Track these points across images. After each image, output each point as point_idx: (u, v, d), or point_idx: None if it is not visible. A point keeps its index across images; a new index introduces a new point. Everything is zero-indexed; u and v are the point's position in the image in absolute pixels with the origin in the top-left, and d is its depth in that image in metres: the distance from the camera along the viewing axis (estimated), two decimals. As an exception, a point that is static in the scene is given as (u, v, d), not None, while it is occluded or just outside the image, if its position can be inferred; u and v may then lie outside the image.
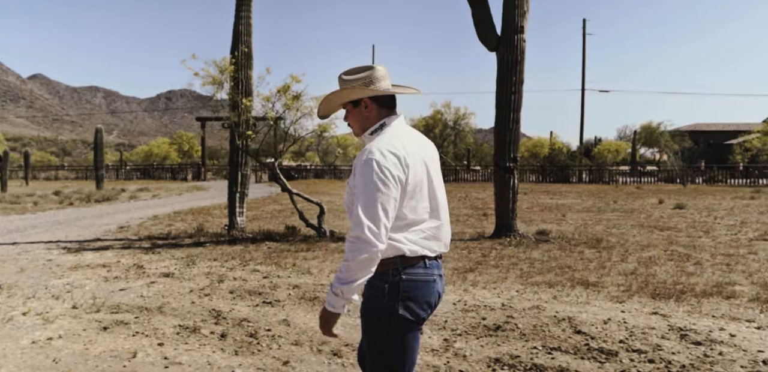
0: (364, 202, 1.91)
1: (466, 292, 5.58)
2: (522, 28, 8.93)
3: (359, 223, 1.89)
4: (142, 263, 7.33)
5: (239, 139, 9.33)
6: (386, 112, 2.16)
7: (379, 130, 2.12)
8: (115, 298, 5.50)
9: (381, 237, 1.89)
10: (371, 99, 2.14)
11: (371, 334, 2.09)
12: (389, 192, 1.92)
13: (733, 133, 57.00)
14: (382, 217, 1.90)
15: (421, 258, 2.03)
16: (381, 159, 1.94)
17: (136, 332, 4.39)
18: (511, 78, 9.02)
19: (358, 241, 1.88)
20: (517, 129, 9.19)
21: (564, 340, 4.01)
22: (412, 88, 2.27)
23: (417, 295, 2.01)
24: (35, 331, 4.45)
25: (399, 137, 2.06)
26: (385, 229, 1.91)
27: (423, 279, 2.03)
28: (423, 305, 2.02)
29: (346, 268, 1.90)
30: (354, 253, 1.88)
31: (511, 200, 9.25)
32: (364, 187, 1.93)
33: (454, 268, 6.83)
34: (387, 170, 1.93)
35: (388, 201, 1.92)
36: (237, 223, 9.81)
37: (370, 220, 1.88)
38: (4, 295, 5.64)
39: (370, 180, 1.92)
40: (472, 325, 4.46)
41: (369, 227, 1.88)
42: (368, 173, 1.93)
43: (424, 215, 2.05)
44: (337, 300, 1.95)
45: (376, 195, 1.91)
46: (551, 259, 7.45)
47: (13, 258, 7.89)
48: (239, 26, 9.73)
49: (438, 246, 2.10)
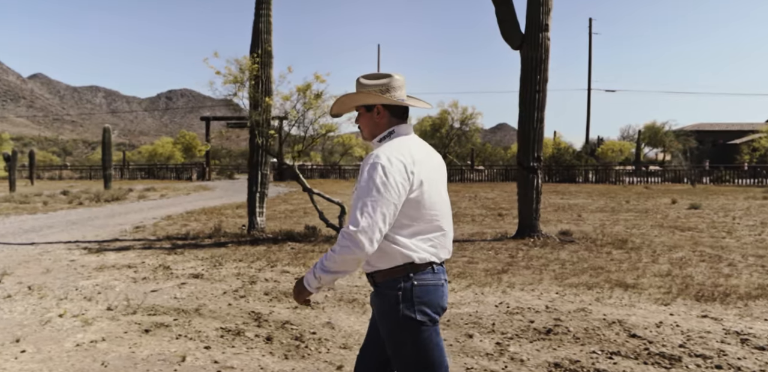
0: (363, 203, 1.93)
1: (505, 294, 5.50)
2: (547, 26, 8.85)
3: (355, 223, 1.90)
4: (167, 264, 7.24)
5: (260, 138, 9.24)
6: (397, 121, 2.18)
7: (387, 137, 2.15)
8: (148, 299, 5.42)
9: (373, 241, 1.91)
10: (384, 107, 2.16)
11: (396, 342, 2.08)
12: (390, 197, 1.94)
13: (736, 133, 56.91)
14: (379, 221, 1.91)
15: (429, 264, 2.05)
16: (387, 164, 1.96)
17: (178, 335, 4.31)
18: (535, 76, 8.93)
19: (350, 239, 1.90)
20: (541, 128, 9.11)
21: (621, 344, 3.93)
22: (424, 102, 2.30)
23: (430, 299, 2.03)
24: (76, 333, 4.37)
25: (407, 146, 2.09)
26: (380, 234, 1.92)
27: (433, 284, 2.05)
28: (437, 309, 2.06)
29: (331, 258, 1.96)
30: (343, 250, 1.92)
31: (535, 200, 9.17)
32: (366, 190, 1.94)
33: (485, 269, 6.75)
34: (391, 176, 1.95)
35: (388, 206, 1.93)
36: (257, 223, 9.73)
37: (366, 223, 1.90)
38: (36, 297, 5.56)
39: (373, 183, 1.94)
40: (521, 328, 4.37)
41: (363, 229, 1.89)
42: (372, 177, 1.95)
43: (431, 223, 2.08)
44: (314, 281, 2.03)
45: (377, 198, 1.92)
46: (581, 260, 7.37)
47: (35, 258, 7.81)
48: (259, 24, 9.64)
49: (443, 253, 2.13)
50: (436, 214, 2.09)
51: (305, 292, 2.10)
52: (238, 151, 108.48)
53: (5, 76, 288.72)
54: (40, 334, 4.35)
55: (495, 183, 33.47)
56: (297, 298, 2.14)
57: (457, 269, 6.76)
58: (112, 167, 23.28)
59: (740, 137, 54.25)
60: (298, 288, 2.11)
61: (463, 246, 8.64)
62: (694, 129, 56.20)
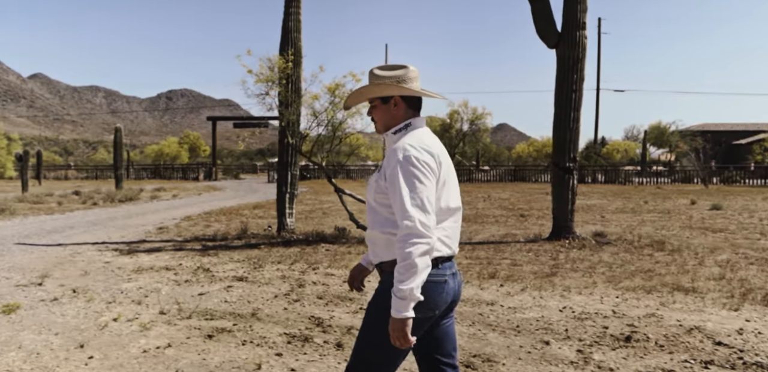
0: (410, 196, 1.91)
1: (564, 298, 5.37)
2: (584, 24, 8.72)
3: (409, 217, 1.88)
4: (205, 266, 7.11)
5: (292, 138, 9.11)
6: (413, 113, 2.16)
7: (404, 129, 2.13)
8: (198, 303, 5.29)
9: (431, 229, 1.90)
10: (402, 98, 2.14)
11: (369, 326, 2.07)
12: (431, 185, 1.96)
13: (741, 133, 56.83)
14: (429, 210, 1.91)
15: (435, 260, 2.01)
16: (418, 154, 1.96)
17: (243, 341, 4.18)
18: (571, 76, 8.80)
19: (411, 237, 1.87)
20: (577, 128, 8.98)
21: (711, 352, 3.80)
22: (435, 94, 2.26)
23: (426, 295, 1.96)
24: (138, 338, 4.23)
25: (428, 138, 2.10)
26: (434, 221, 1.93)
27: (433, 280, 2.00)
28: (431, 305, 2.01)
29: (407, 267, 1.87)
30: (412, 250, 1.86)
31: (570, 201, 9.04)
32: (406, 182, 1.93)
33: (532, 272, 6.63)
34: (426, 164, 1.96)
35: (431, 193, 1.95)
36: (286, 224, 9.60)
37: (420, 213, 1.89)
38: (83, 300, 5.43)
39: (412, 174, 1.93)
40: (596, 334, 4.24)
41: (420, 220, 1.87)
42: (408, 168, 1.94)
43: (448, 214, 2.08)
44: (405, 304, 1.89)
45: (420, 188, 1.92)
46: (625, 262, 7.24)
47: (68, 260, 7.68)
48: (288, 23, 9.51)
49: (454, 246, 2.12)
50: (453, 206, 2.10)
51: (406, 324, 1.89)
52: (239, 151, 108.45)
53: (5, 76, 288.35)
54: (102, 339, 4.22)
55: (504, 183, 33.34)
56: (400, 340, 1.90)
57: (504, 272, 6.63)
58: (122, 167, 23.07)
59: (745, 137, 54.15)
60: (397, 328, 1.89)
61: (500, 247, 8.52)
62: (699, 129, 56.10)
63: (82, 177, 41.45)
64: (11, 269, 7.04)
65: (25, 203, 17.25)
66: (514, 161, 47.75)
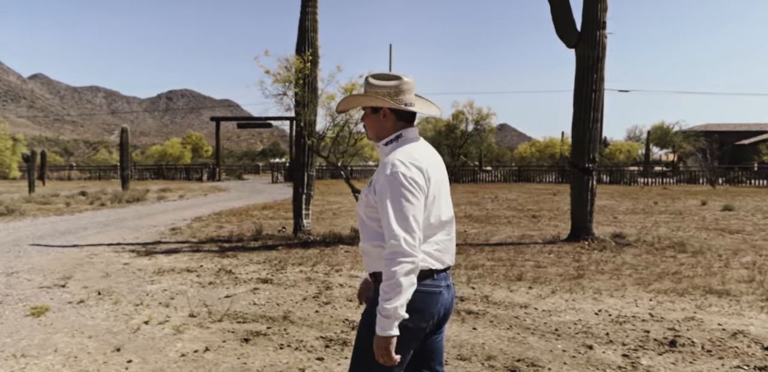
0: (395, 215, 1.90)
1: (597, 301, 5.31)
2: (604, 24, 8.66)
3: (395, 236, 1.88)
4: (227, 268, 7.05)
5: (310, 139, 9.04)
6: (403, 125, 2.14)
7: (395, 141, 2.12)
8: (226, 305, 5.23)
9: (417, 248, 1.89)
10: (391, 110, 2.12)
11: (364, 340, 2.03)
12: (418, 203, 1.94)
13: (744, 134, 56.81)
14: (415, 228, 1.90)
15: (429, 271, 2.02)
16: (406, 171, 1.95)
17: (280, 344, 4.12)
18: (591, 75, 8.75)
19: (397, 255, 1.87)
20: (596, 129, 8.92)
21: (762, 358, 3.74)
22: (434, 106, 2.26)
23: (421, 307, 1.99)
24: (173, 342, 4.17)
25: (417, 151, 2.07)
26: (419, 240, 1.92)
27: (428, 291, 2.01)
28: (425, 316, 2.01)
29: (392, 286, 1.86)
30: (397, 269, 1.86)
31: (590, 202, 8.98)
32: (392, 200, 1.92)
33: (557, 274, 6.56)
34: (413, 181, 1.94)
35: (418, 211, 1.93)
36: (303, 226, 9.54)
37: (405, 232, 1.88)
38: (110, 302, 5.37)
39: (399, 192, 1.92)
40: (638, 338, 4.18)
41: (405, 239, 1.87)
42: (396, 186, 1.93)
43: (439, 228, 2.07)
44: (390, 322, 1.88)
45: (407, 206, 1.91)
46: (650, 264, 7.18)
47: (86, 261, 7.61)
48: (305, 22, 9.45)
49: (448, 258, 2.11)
50: (444, 219, 2.09)
51: (391, 341, 1.89)
52: (240, 152, 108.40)
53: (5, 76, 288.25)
54: (137, 343, 4.16)
55: (509, 184, 33.25)
56: (384, 357, 1.90)
57: (530, 274, 6.57)
58: (129, 168, 23.00)
59: (748, 138, 54.14)
60: (381, 346, 1.89)
61: (519, 249, 8.46)
62: (703, 129, 56.06)
63: (84, 177, 41.36)
64: (31, 271, 6.98)
65: (33, 204, 17.19)
66: (517, 162, 47.71)
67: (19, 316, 4.88)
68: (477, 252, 8.15)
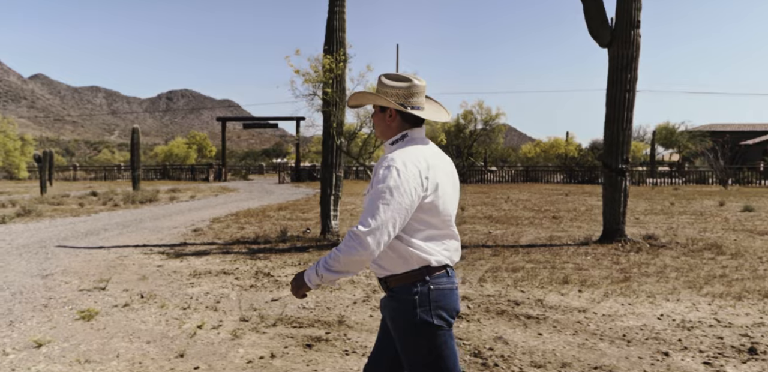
0: (376, 206, 1.89)
1: (654, 306, 5.20)
2: (638, 23, 8.55)
3: (365, 224, 1.87)
4: (264, 270, 6.94)
5: (338, 139, 8.93)
6: (409, 126, 2.15)
7: (400, 140, 2.13)
8: (276, 309, 5.13)
9: (380, 244, 1.87)
10: (398, 111, 2.13)
11: (412, 348, 2.03)
12: (402, 201, 1.91)
13: (748, 134, 56.68)
14: (389, 225, 1.88)
15: (444, 267, 2.04)
16: (402, 168, 1.94)
17: (345, 350, 4.01)
18: (625, 75, 8.64)
19: (357, 240, 1.86)
20: (630, 129, 8.81)
21: None
22: (443, 111, 2.26)
23: (446, 302, 2.01)
24: (235, 347, 4.07)
25: (421, 151, 2.06)
26: (388, 237, 1.89)
27: (449, 287, 2.04)
28: (452, 312, 2.04)
29: (336, 258, 1.91)
30: (348, 250, 1.87)
31: (622, 203, 8.87)
32: (379, 193, 1.91)
33: (603, 277, 6.45)
34: (405, 181, 1.92)
35: (399, 210, 1.90)
36: (331, 227, 9.42)
37: (376, 225, 1.87)
38: (155, 306, 5.26)
39: (387, 187, 1.91)
40: (714, 345, 4.07)
41: (372, 231, 1.86)
42: (386, 180, 1.92)
43: (444, 228, 2.07)
44: (315, 278, 1.98)
45: (390, 201, 1.89)
46: (692, 266, 7.07)
47: (118, 263, 7.50)
48: (333, 22, 9.33)
49: (456, 256, 2.12)
50: (448, 220, 2.08)
51: (304, 287, 2.04)
52: (241, 152, 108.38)
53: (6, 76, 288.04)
54: (198, 348, 4.05)
55: (517, 184, 33.13)
56: (296, 293, 2.07)
57: (574, 276, 6.46)
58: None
59: (752, 138, 54.00)
60: (297, 282, 2.05)
61: (553, 250, 8.35)
62: (707, 129, 55.95)
63: (90, 177, 41.25)
64: (65, 273, 6.87)
65: (46, 204, 17.07)
66: (522, 162, 47.60)
67: (69, 319, 4.77)
68: (512, 254, 8.04)
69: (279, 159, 77.88)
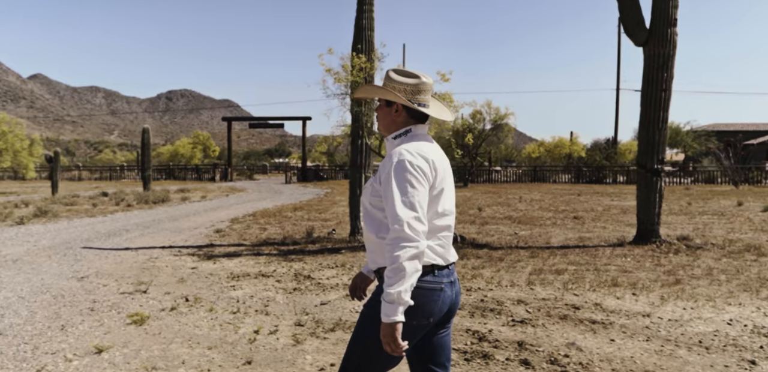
0: (400, 200, 1.89)
1: (718, 310, 5.06)
2: (675, 21, 8.41)
3: (399, 221, 1.86)
4: (303, 273, 6.80)
5: (369, 139, 8.80)
6: (414, 122, 2.16)
7: (403, 135, 2.13)
8: (328, 313, 4.99)
9: (421, 233, 1.87)
10: (404, 106, 2.13)
11: (366, 328, 2.03)
12: (423, 189, 1.94)
13: (752, 133, 56.60)
14: (420, 214, 1.89)
15: (431, 267, 2.01)
16: (412, 159, 1.96)
17: (416, 357, 3.86)
18: (661, 74, 8.50)
19: (400, 240, 1.84)
20: (665, 129, 8.67)
21: None
22: (447, 110, 2.27)
23: (421, 302, 1.95)
24: (301, 354, 3.92)
25: (426, 146, 2.08)
26: (425, 225, 1.90)
27: (429, 287, 1.99)
28: (425, 313, 1.99)
29: (395, 271, 1.84)
30: (400, 254, 1.83)
31: (657, 204, 8.73)
32: (398, 186, 1.91)
33: (652, 280, 6.32)
34: (419, 169, 1.95)
35: (423, 198, 1.93)
36: (360, 228, 9.26)
37: (410, 217, 1.86)
38: (203, 309, 5.12)
39: (404, 178, 1.92)
40: (797, 350, 3.93)
41: (409, 224, 1.85)
42: (401, 172, 1.93)
43: (443, 222, 2.06)
44: (394, 308, 1.84)
45: (412, 192, 1.90)
46: (739, 269, 6.93)
47: (150, 266, 7.36)
48: (362, 20, 9.19)
49: (450, 255, 2.09)
50: (448, 214, 2.09)
51: (397, 328, 1.84)
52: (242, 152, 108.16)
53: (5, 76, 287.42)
54: (263, 355, 3.91)
55: (525, 184, 33.02)
56: (391, 346, 1.85)
57: (622, 279, 6.32)
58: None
59: (756, 137, 53.92)
60: (387, 334, 1.84)
61: (590, 252, 8.21)
62: (712, 129, 55.88)
63: (95, 178, 41.09)
64: (99, 275, 6.73)
65: (59, 205, 16.92)
66: (527, 162, 47.47)
67: (121, 324, 4.63)
68: (549, 255, 7.90)
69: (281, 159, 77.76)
